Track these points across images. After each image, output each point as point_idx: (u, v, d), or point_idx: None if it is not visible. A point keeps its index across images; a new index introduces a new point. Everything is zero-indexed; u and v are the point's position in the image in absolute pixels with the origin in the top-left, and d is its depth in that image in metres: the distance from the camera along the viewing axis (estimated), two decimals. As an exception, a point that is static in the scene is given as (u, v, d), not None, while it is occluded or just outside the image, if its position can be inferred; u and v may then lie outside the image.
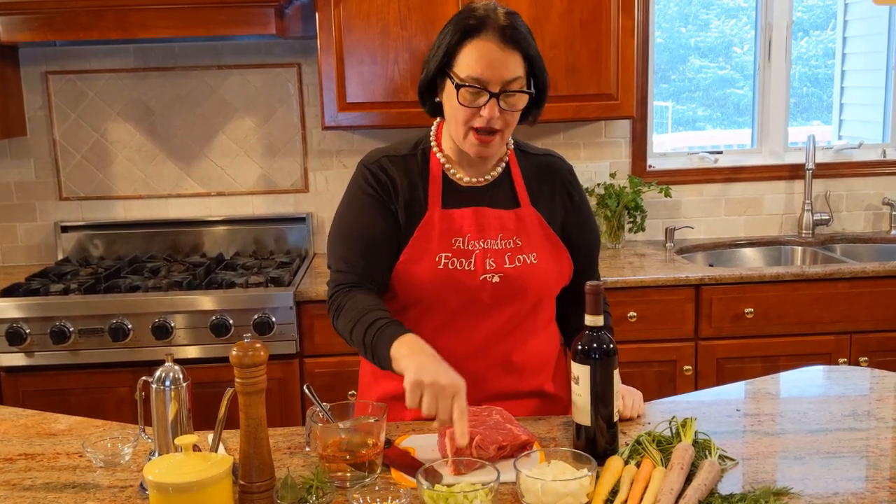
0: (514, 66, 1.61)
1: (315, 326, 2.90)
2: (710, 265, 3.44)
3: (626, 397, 1.70)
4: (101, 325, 2.84)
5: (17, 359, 2.84)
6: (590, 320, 1.50)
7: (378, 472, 1.46)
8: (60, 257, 3.43)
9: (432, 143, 1.77)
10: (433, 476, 1.38)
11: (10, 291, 2.92)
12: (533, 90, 1.65)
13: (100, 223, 3.45)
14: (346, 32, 3.04)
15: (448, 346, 1.64)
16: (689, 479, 1.38)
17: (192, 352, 2.85)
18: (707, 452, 1.47)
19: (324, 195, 3.50)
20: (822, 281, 2.99)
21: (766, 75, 3.64)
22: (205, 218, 3.46)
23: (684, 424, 1.53)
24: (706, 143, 3.95)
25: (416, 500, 1.35)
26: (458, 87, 1.61)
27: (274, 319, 2.85)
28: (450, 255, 1.69)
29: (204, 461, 1.30)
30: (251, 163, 3.47)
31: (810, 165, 3.48)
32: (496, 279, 1.70)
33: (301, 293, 2.88)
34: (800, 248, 3.54)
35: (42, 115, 3.41)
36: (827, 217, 3.55)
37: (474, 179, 1.75)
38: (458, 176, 1.75)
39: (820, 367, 2.15)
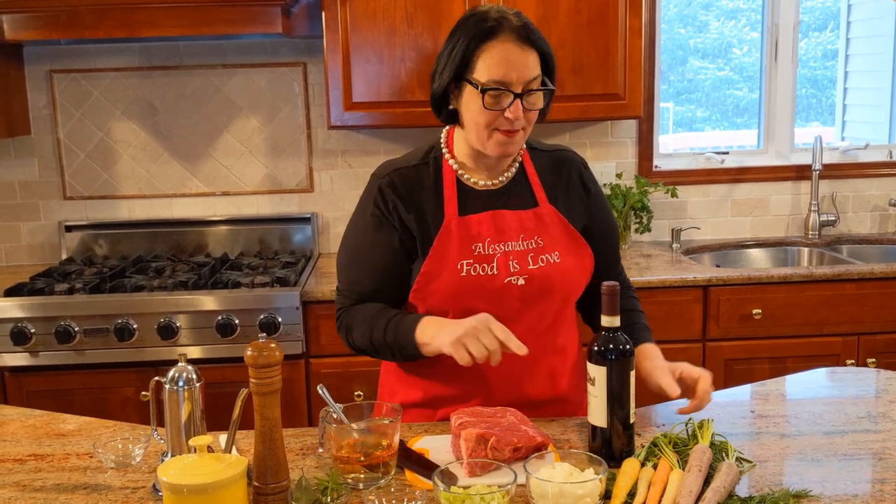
0: (534, 65, 1.61)
1: (321, 327, 2.89)
2: (717, 266, 3.43)
3: (704, 378, 1.64)
4: (106, 324, 2.82)
5: (21, 359, 2.82)
6: (606, 321, 1.50)
7: (392, 473, 1.45)
8: (64, 257, 3.41)
9: (444, 151, 1.75)
10: (449, 478, 1.37)
11: (14, 291, 2.91)
12: (552, 86, 1.65)
13: (104, 223, 3.43)
14: (353, 31, 3.03)
15: None
16: (706, 482, 1.37)
17: (197, 352, 2.83)
18: (724, 454, 1.45)
19: (329, 195, 3.49)
20: (829, 282, 2.98)
21: (773, 76, 3.63)
22: (209, 218, 3.45)
23: (701, 426, 1.52)
24: (706, 144, 3.94)
25: (431, 502, 1.33)
26: (482, 91, 1.59)
27: (280, 320, 2.83)
28: (471, 261, 1.67)
29: (219, 462, 1.28)
30: (256, 162, 3.46)
31: (817, 166, 3.47)
32: (521, 281, 1.68)
33: (307, 293, 2.87)
34: (806, 249, 3.53)
35: (46, 114, 3.39)
36: (833, 218, 3.54)
37: (490, 182, 1.73)
38: (472, 181, 1.73)
39: (830, 369, 2.13)
